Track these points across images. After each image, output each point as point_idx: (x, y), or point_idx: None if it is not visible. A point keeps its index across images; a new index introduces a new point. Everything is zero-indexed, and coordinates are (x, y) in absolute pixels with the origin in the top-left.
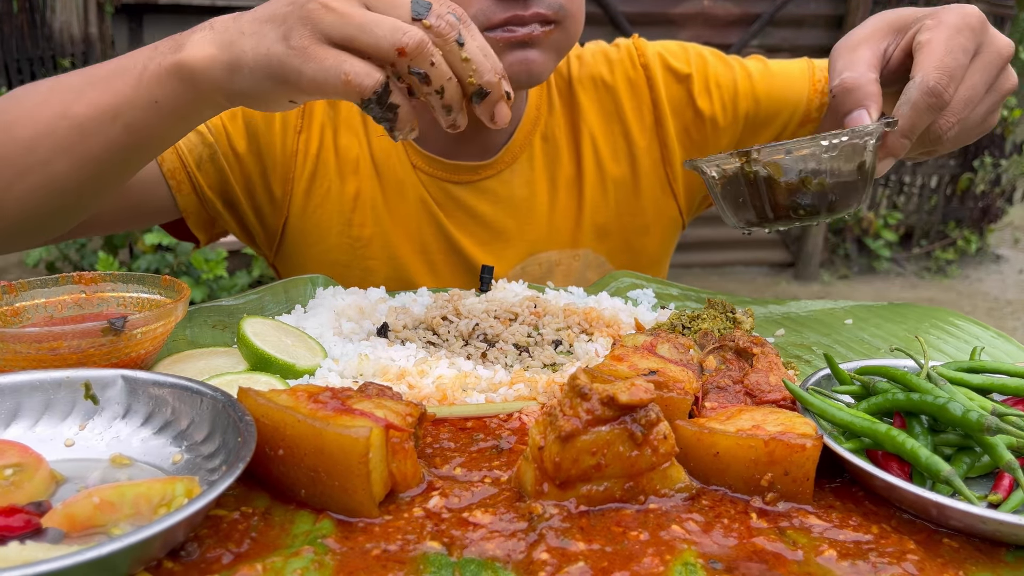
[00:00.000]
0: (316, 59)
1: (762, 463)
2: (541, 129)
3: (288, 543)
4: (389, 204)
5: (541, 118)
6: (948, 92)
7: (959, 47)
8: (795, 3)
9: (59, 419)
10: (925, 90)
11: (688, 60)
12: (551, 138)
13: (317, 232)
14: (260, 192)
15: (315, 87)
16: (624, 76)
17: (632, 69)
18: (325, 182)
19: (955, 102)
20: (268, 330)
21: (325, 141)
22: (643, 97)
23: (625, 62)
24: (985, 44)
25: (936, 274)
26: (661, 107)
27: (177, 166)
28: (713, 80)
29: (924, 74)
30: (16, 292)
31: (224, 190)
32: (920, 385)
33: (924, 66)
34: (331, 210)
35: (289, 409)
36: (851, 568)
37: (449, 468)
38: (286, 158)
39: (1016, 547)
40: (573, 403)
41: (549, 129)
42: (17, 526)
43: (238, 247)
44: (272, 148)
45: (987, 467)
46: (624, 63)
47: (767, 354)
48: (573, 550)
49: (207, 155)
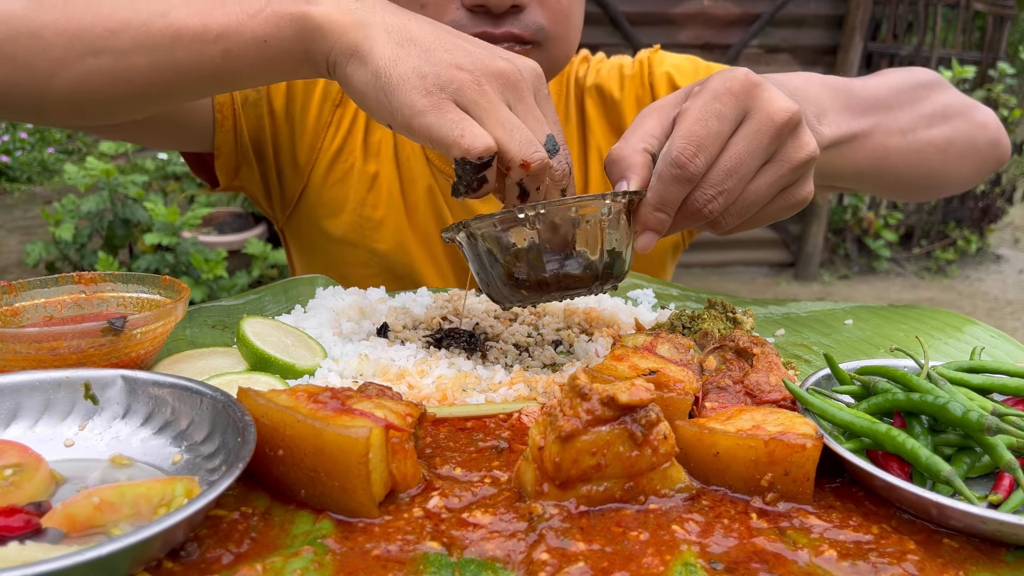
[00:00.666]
0: (440, 111)
1: (762, 463)
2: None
3: (288, 543)
4: (403, 191)
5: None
6: (694, 163)
7: (713, 114)
8: (795, 3)
9: (59, 419)
10: (668, 160)
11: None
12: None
13: (332, 205)
14: (285, 153)
15: (425, 131)
16: (632, 93)
17: (640, 87)
18: (350, 159)
19: (712, 174)
20: (268, 330)
21: (358, 120)
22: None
23: (636, 79)
24: (754, 110)
25: (936, 274)
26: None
27: (226, 101)
28: None
29: (670, 144)
30: (16, 292)
31: (258, 138)
32: (920, 385)
33: (673, 135)
34: (350, 187)
35: (289, 409)
36: (851, 568)
37: (449, 468)
38: (318, 127)
39: (1016, 547)
40: (573, 403)
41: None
42: (17, 526)
43: (238, 247)
44: (306, 114)
45: (987, 467)
46: (635, 80)
47: (767, 354)
48: (573, 550)
49: (253, 99)
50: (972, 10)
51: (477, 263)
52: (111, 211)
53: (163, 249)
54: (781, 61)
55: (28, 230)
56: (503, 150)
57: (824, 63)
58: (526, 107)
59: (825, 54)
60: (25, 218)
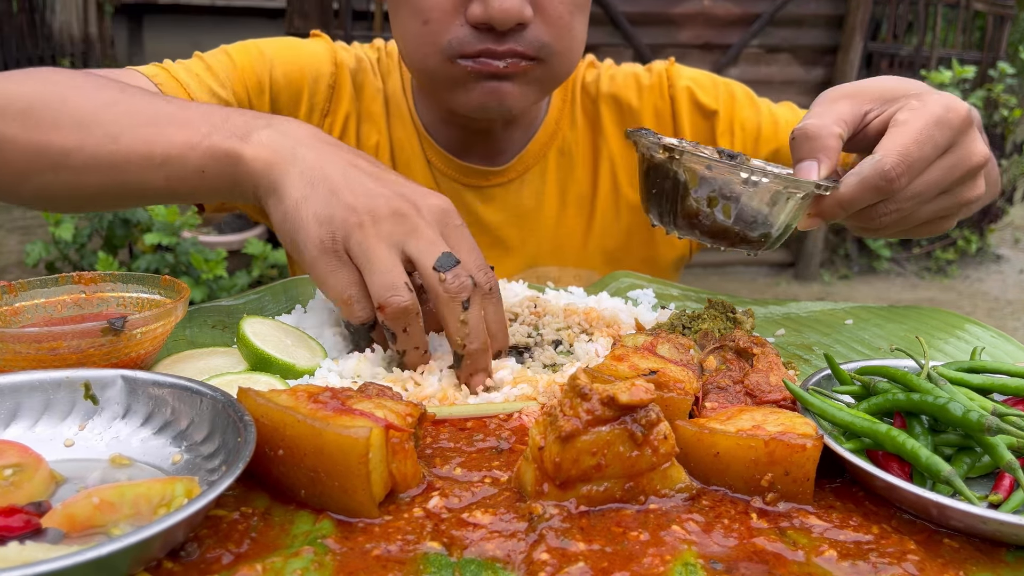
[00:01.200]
0: (330, 270)
1: (762, 463)
2: (559, 143)
3: (288, 543)
4: None
5: (560, 131)
6: (900, 181)
7: (931, 140)
8: (795, 3)
9: (59, 419)
10: (879, 171)
11: (717, 96)
12: (568, 153)
13: None
14: None
15: (317, 282)
16: (651, 103)
17: (660, 98)
18: None
19: (903, 193)
20: (268, 330)
21: (348, 130)
22: (666, 128)
23: (655, 89)
24: (959, 145)
25: (936, 274)
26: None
27: None
28: (738, 121)
29: (884, 155)
30: (16, 292)
31: None
32: (920, 385)
33: (887, 147)
34: None
35: (289, 409)
36: (851, 568)
37: (449, 468)
38: None
39: (1016, 547)
40: (573, 403)
41: (567, 143)
42: (17, 526)
43: (238, 247)
44: None
45: (987, 467)
46: (653, 90)
47: (767, 354)
48: (573, 550)
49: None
50: (972, 10)
51: (657, 184)
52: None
53: (163, 249)
54: (781, 61)
55: (28, 230)
56: (369, 289)
57: (824, 63)
58: (420, 239)
59: (825, 54)
60: (25, 218)
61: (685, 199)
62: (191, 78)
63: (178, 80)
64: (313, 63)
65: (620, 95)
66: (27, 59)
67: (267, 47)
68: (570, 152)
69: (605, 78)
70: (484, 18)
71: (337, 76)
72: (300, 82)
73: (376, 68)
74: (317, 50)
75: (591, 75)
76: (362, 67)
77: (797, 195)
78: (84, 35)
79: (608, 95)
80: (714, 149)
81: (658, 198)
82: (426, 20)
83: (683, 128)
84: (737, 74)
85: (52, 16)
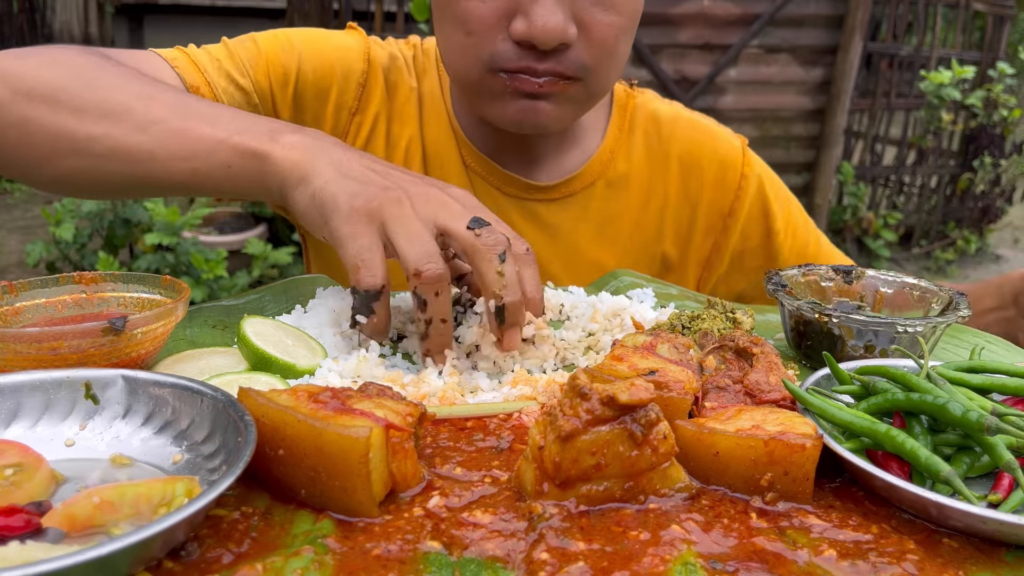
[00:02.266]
0: (354, 236)
1: (762, 463)
2: (609, 174)
3: (288, 543)
4: None
5: (613, 163)
6: None
7: None
8: (795, 3)
9: (59, 419)
10: None
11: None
12: (616, 185)
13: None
14: None
15: (339, 240)
16: (718, 169)
17: (730, 170)
18: None
19: None
20: (268, 330)
21: (377, 129)
22: (724, 201)
23: (727, 158)
24: None
25: (936, 274)
26: (736, 218)
27: None
28: (791, 229)
29: None
30: (16, 292)
31: None
32: (920, 385)
33: None
34: None
35: (289, 409)
36: (851, 568)
37: (449, 468)
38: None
39: (1016, 547)
40: (573, 403)
41: (618, 175)
42: (17, 526)
43: (238, 247)
44: (319, 125)
45: (987, 467)
46: (725, 158)
47: (767, 354)
48: (573, 550)
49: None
50: (972, 10)
51: (812, 336)
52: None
53: (163, 249)
54: (781, 61)
55: (28, 230)
56: (402, 259)
57: (824, 63)
58: (450, 211)
59: (825, 54)
60: (25, 218)
61: (843, 349)
62: (210, 62)
63: (197, 64)
64: (345, 59)
65: (694, 157)
66: None
67: (297, 38)
68: (618, 185)
69: (684, 126)
70: (526, 35)
71: (368, 74)
72: (329, 79)
73: (411, 66)
74: (350, 45)
75: (664, 110)
76: (396, 65)
77: (942, 325)
78: (85, 35)
79: (684, 154)
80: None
81: (813, 348)
82: (469, 32)
83: (741, 208)
84: (737, 74)
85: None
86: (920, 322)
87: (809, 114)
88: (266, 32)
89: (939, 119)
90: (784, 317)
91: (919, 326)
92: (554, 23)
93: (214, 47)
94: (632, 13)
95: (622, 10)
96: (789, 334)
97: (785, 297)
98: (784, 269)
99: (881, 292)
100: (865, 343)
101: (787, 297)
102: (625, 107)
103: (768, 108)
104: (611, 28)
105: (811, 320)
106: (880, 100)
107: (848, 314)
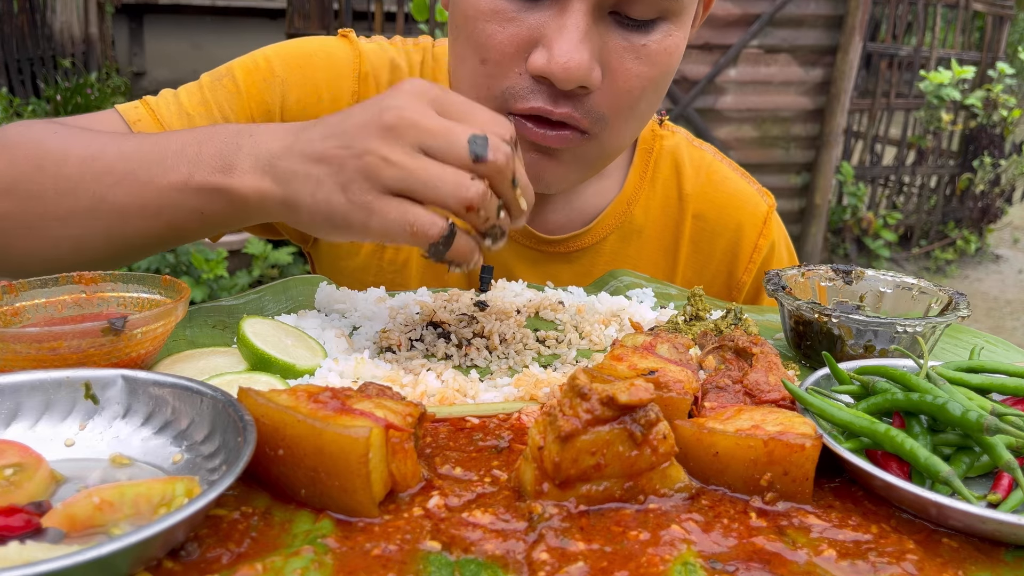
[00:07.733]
0: (380, 213)
1: (761, 463)
2: (624, 227)
3: (288, 543)
4: None
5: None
6: None
7: None
8: (795, 3)
9: (59, 419)
10: None
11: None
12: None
13: (347, 247)
14: None
15: (380, 237)
16: (732, 236)
17: (744, 240)
18: None
19: None
20: (268, 330)
21: None
22: (732, 271)
23: (742, 227)
24: None
25: (935, 274)
26: (740, 289)
27: None
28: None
29: None
30: (16, 292)
31: None
32: (919, 385)
33: None
34: None
35: (289, 409)
36: (851, 568)
37: (449, 468)
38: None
39: (1015, 547)
40: (573, 403)
41: (633, 227)
42: (17, 526)
43: (238, 247)
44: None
45: (986, 467)
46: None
47: (767, 354)
48: (573, 550)
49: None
50: (972, 10)
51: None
52: None
53: None
54: (780, 61)
55: None
56: (443, 207)
57: (823, 63)
58: (432, 135)
59: (825, 54)
60: None
61: (842, 349)
62: (179, 118)
63: (160, 122)
64: (333, 81)
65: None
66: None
67: (280, 65)
68: (631, 238)
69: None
70: (545, 71)
71: (359, 94)
72: (316, 106)
73: (417, 73)
74: (339, 61)
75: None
76: (397, 75)
77: (942, 325)
78: (85, 35)
79: (700, 216)
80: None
81: (812, 348)
82: (484, 59)
83: (744, 284)
84: (737, 74)
85: (52, 16)
86: (920, 322)
87: (809, 114)
88: (246, 60)
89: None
90: (784, 317)
91: (919, 326)
92: (577, 61)
93: (187, 95)
94: (665, 69)
95: (656, 62)
96: (789, 334)
97: (785, 297)
98: (784, 269)
99: (880, 292)
100: (865, 343)
101: (787, 297)
102: (651, 150)
103: (768, 108)
104: (639, 80)
105: (811, 320)
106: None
107: (848, 314)
